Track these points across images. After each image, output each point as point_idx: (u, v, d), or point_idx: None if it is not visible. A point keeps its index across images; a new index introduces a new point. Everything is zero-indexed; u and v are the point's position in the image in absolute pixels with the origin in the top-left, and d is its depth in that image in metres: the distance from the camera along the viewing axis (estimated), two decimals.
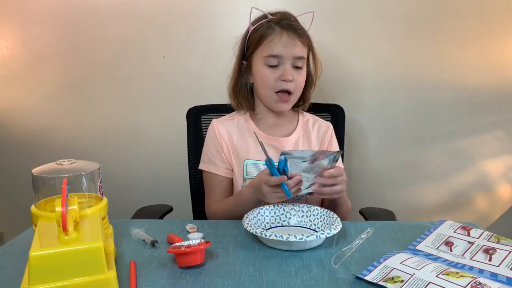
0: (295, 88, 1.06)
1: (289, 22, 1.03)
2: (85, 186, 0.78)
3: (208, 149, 1.13)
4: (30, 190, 0.76)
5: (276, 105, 1.07)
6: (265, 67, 1.04)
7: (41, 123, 1.77)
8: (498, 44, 1.58)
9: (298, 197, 1.07)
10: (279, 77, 1.03)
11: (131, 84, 1.70)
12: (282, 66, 1.03)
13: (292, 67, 1.04)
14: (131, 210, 1.22)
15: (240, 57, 1.11)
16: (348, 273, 0.72)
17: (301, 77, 1.06)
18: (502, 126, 1.66)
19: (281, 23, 1.03)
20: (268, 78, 1.04)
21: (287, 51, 1.02)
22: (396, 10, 1.57)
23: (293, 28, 1.03)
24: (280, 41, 1.02)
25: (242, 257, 0.79)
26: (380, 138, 1.68)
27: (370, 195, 1.70)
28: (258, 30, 1.04)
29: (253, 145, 1.11)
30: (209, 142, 1.14)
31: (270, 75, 1.04)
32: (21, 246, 0.85)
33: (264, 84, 1.06)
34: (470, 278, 0.64)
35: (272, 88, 1.05)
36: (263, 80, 1.05)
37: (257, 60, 1.06)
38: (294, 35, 1.02)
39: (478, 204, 1.73)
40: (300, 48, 1.04)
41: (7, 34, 1.70)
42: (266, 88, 1.06)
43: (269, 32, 1.02)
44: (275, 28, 1.02)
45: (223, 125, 1.14)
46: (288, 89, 1.04)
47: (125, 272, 0.73)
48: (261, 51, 1.04)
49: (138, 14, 1.63)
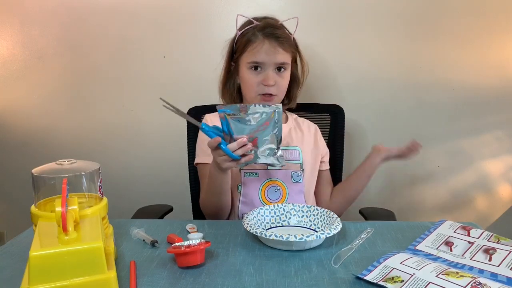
0: (277, 91, 1.11)
1: (272, 30, 1.08)
2: (85, 186, 0.78)
3: (202, 142, 1.16)
4: (30, 190, 0.76)
5: None
6: (249, 72, 1.10)
7: (41, 123, 1.77)
8: (498, 44, 1.58)
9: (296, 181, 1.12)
10: (261, 81, 1.09)
11: (131, 84, 1.70)
12: (264, 72, 1.09)
13: (274, 71, 1.09)
14: (131, 210, 1.22)
15: (229, 59, 1.17)
16: (348, 273, 0.72)
17: (284, 80, 1.12)
18: (502, 126, 1.66)
19: (265, 31, 1.08)
20: (251, 82, 1.10)
21: (269, 58, 1.07)
22: (396, 10, 1.57)
23: (275, 37, 1.08)
24: (262, 48, 1.07)
25: (242, 257, 0.79)
26: (380, 138, 1.68)
27: (370, 195, 1.70)
28: (245, 36, 1.10)
29: None
30: (202, 136, 1.17)
31: (253, 78, 1.10)
32: (21, 246, 0.85)
33: (247, 87, 1.12)
34: (470, 278, 0.64)
35: (255, 92, 1.10)
36: (247, 83, 1.11)
37: (242, 65, 1.12)
38: (275, 43, 1.07)
39: (478, 204, 1.73)
40: (282, 55, 1.09)
41: (7, 34, 1.70)
42: (250, 91, 1.12)
43: (253, 39, 1.08)
44: (258, 36, 1.08)
45: (215, 117, 1.17)
46: (270, 92, 1.10)
47: (125, 272, 0.73)
48: (246, 57, 1.10)
49: (138, 14, 1.63)
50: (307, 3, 1.57)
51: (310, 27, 1.57)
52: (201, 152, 1.16)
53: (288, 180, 1.12)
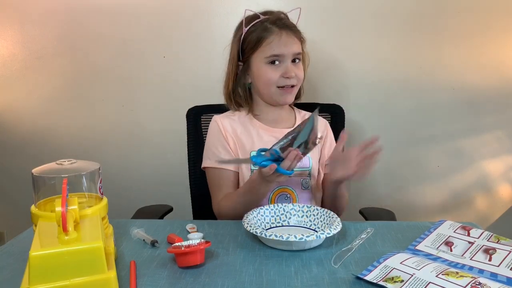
0: (297, 82, 1.10)
1: (284, 21, 1.08)
2: (85, 186, 0.78)
3: (213, 146, 1.13)
4: (30, 190, 0.76)
5: (281, 98, 1.11)
6: (267, 67, 1.07)
7: (41, 123, 1.77)
8: (497, 44, 1.58)
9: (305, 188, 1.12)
10: (282, 74, 1.07)
11: (131, 84, 1.70)
12: (283, 64, 1.07)
13: (291, 63, 1.08)
14: (131, 210, 1.22)
15: (236, 59, 1.13)
16: (348, 273, 0.72)
17: (300, 71, 1.11)
18: (502, 126, 1.66)
19: (277, 23, 1.06)
20: (270, 76, 1.08)
21: (287, 49, 1.06)
22: (396, 10, 1.57)
23: (289, 27, 1.07)
24: (281, 40, 1.05)
25: (242, 257, 0.79)
26: (380, 138, 1.68)
27: (370, 195, 1.70)
28: (254, 32, 1.07)
29: (257, 138, 1.13)
30: (212, 139, 1.14)
31: (273, 73, 1.07)
32: (21, 246, 0.85)
33: (266, 82, 1.09)
34: (470, 278, 0.64)
35: (275, 85, 1.09)
36: (265, 78, 1.08)
37: (257, 61, 1.09)
38: (291, 33, 1.07)
39: (478, 204, 1.73)
40: (298, 44, 1.09)
41: (7, 34, 1.70)
42: (269, 86, 1.09)
43: (266, 34, 1.06)
44: (273, 29, 1.06)
45: (225, 119, 1.15)
46: (292, 84, 1.09)
47: (125, 272, 0.73)
48: (262, 52, 1.07)
49: (138, 14, 1.63)
50: (306, 3, 1.57)
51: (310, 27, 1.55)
52: (213, 156, 1.11)
53: (298, 187, 1.11)
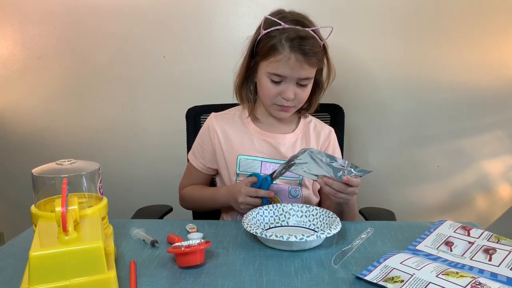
0: (295, 103, 1.05)
1: (300, 43, 0.97)
2: (85, 186, 0.78)
3: (197, 141, 1.18)
4: (30, 190, 0.76)
5: (276, 113, 1.08)
6: (268, 81, 1.02)
7: (41, 123, 1.77)
8: (498, 44, 1.58)
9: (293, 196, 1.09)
10: (280, 93, 1.02)
11: (131, 84, 1.70)
12: (285, 84, 1.01)
13: (296, 85, 1.02)
14: (131, 210, 1.22)
15: (249, 56, 1.07)
16: (348, 273, 0.72)
17: (304, 92, 1.04)
18: (502, 126, 1.66)
19: (293, 42, 0.96)
20: (269, 91, 1.03)
21: (292, 73, 0.99)
22: (396, 11, 1.57)
23: (303, 51, 0.97)
24: (288, 63, 0.97)
25: (242, 257, 0.79)
26: (380, 138, 1.68)
27: (370, 195, 1.70)
28: (269, 39, 0.99)
29: (248, 141, 1.11)
30: (200, 134, 1.17)
31: (272, 89, 1.02)
32: (21, 246, 0.85)
33: (264, 94, 1.05)
34: (470, 278, 0.64)
35: (271, 101, 1.04)
36: (264, 91, 1.04)
37: (262, 70, 1.03)
38: (302, 58, 0.97)
39: (478, 204, 1.73)
40: (307, 71, 1.00)
41: (7, 34, 1.70)
42: (266, 99, 1.05)
43: (278, 48, 0.97)
44: (285, 47, 0.97)
45: (220, 119, 1.15)
46: (288, 105, 1.04)
47: (125, 272, 0.73)
48: (267, 65, 1.00)
49: (138, 14, 1.63)
50: (306, 3, 1.57)
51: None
52: (192, 151, 1.18)
53: (285, 196, 1.08)
